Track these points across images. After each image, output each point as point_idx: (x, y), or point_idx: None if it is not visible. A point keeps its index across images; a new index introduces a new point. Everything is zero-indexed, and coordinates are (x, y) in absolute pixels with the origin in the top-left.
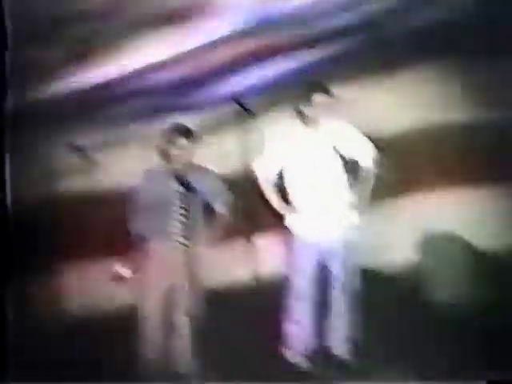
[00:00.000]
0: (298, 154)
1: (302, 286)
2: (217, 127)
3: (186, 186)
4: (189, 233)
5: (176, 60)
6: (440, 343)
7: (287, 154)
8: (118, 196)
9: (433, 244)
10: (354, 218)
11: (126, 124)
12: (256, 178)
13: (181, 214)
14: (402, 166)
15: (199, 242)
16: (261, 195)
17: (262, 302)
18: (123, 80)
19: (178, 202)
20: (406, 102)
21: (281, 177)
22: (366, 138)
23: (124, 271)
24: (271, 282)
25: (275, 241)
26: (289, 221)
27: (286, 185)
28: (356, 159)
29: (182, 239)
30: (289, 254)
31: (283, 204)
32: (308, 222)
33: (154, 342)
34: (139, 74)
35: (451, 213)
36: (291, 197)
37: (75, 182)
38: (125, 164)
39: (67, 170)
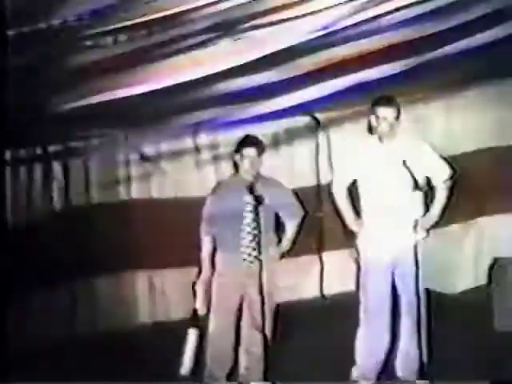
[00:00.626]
0: (370, 169)
1: (372, 307)
2: (288, 139)
3: (257, 197)
4: (259, 246)
5: (246, 69)
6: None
7: (359, 169)
8: (189, 204)
9: (502, 269)
10: (423, 238)
11: (194, 134)
12: (330, 192)
13: (251, 227)
14: (472, 189)
15: (269, 256)
16: (333, 210)
17: (330, 321)
18: (192, 87)
19: (249, 214)
20: (475, 124)
21: (351, 192)
22: (440, 158)
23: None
24: (340, 301)
25: (344, 258)
26: (359, 238)
27: (358, 200)
28: (430, 178)
29: (252, 252)
30: (358, 272)
31: (355, 220)
32: (377, 240)
33: (221, 358)
34: (208, 81)
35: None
36: (362, 213)
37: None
38: (193, 174)
39: (133, 177)
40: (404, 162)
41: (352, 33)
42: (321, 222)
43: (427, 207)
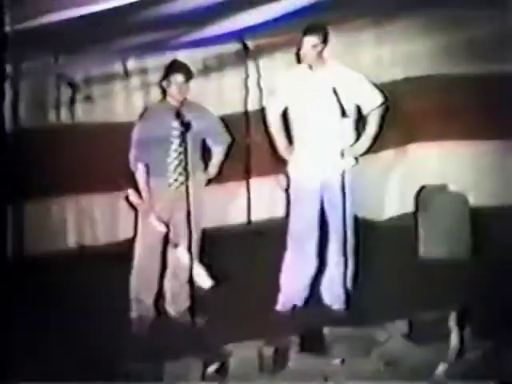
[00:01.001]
0: (300, 97)
1: (300, 232)
2: (218, 66)
3: (184, 123)
4: (186, 171)
5: None
6: (430, 297)
7: (290, 97)
8: (117, 130)
9: (428, 197)
10: (352, 164)
11: (125, 58)
12: (264, 118)
13: (178, 152)
14: (401, 116)
15: (195, 182)
16: (262, 137)
17: (258, 246)
18: (124, 12)
19: (175, 140)
20: (402, 52)
21: (284, 120)
22: (371, 85)
23: (135, 198)
24: (267, 227)
25: (271, 185)
26: (289, 164)
27: (290, 127)
28: (360, 105)
29: (178, 177)
30: (287, 198)
31: (286, 147)
32: (307, 167)
33: (147, 280)
34: (140, 6)
35: (449, 167)
36: (293, 140)
37: (74, 115)
38: (122, 98)
39: (62, 102)
40: (334, 89)
41: None
42: (248, 148)
43: (358, 135)
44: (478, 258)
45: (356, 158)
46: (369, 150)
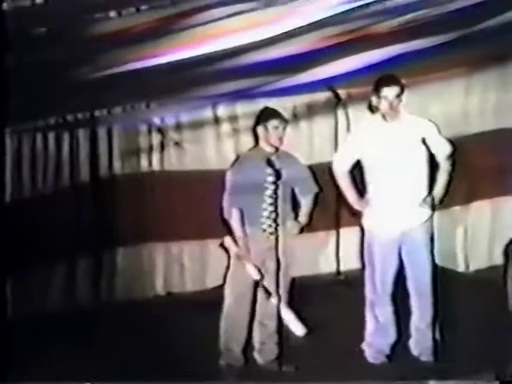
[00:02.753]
0: (374, 147)
1: (379, 284)
2: (308, 114)
3: (277, 171)
4: (277, 219)
5: (271, 42)
6: None
7: (363, 148)
8: (207, 177)
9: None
10: (430, 214)
11: (215, 104)
12: (333, 171)
13: (272, 199)
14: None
15: (286, 231)
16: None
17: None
18: (214, 59)
19: (270, 186)
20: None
21: (355, 171)
22: (442, 135)
23: (231, 244)
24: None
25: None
26: (364, 216)
27: (364, 178)
28: (434, 155)
29: (272, 224)
30: (366, 250)
31: (359, 199)
32: (384, 218)
33: (237, 328)
34: (231, 53)
35: None
36: (368, 191)
37: (164, 161)
38: (212, 145)
39: (153, 148)
40: (413, 139)
41: (379, 8)
42: (338, 197)
43: (432, 185)
44: None
45: (432, 209)
46: (443, 200)
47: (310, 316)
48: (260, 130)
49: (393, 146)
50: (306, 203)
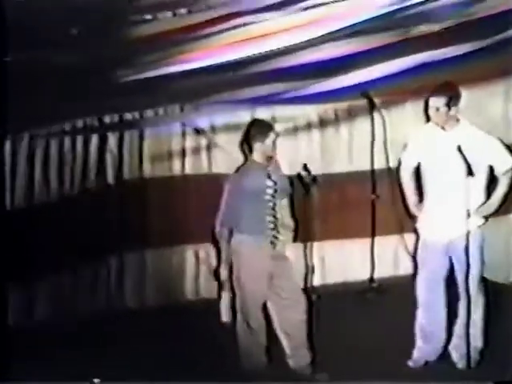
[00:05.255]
0: (432, 154)
1: (429, 290)
2: (344, 120)
3: (276, 182)
4: (278, 228)
5: (307, 46)
6: None
7: (423, 154)
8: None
9: None
10: (480, 224)
11: (251, 109)
12: (399, 173)
13: (273, 212)
14: None
15: (284, 239)
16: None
17: (380, 303)
18: (251, 62)
19: (270, 198)
20: None
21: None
22: (503, 147)
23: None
24: (390, 284)
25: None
26: (419, 221)
27: (422, 184)
28: (492, 166)
29: (276, 234)
30: (415, 255)
31: (416, 204)
32: (436, 224)
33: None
34: (267, 57)
35: None
36: (423, 197)
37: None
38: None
39: (187, 151)
40: (459, 147)
41: (415, 12)
42: (373, 205)
43: (489, 195)
44: None
45: (485, 219)
46: (498, 211)
47: (344, 321)
48: (257, 145)
49: (447, 154)
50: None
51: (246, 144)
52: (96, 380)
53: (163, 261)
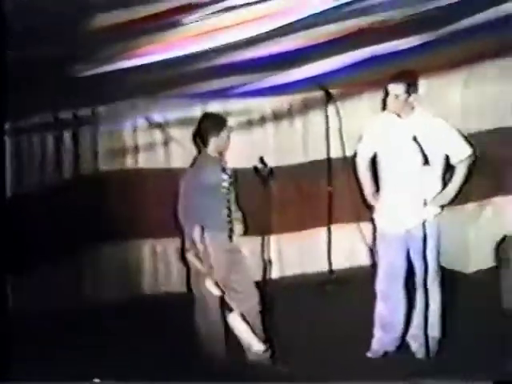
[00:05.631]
0: (388, 143)
1: (387, 280)
2: (300, 112)
3: (230, 176)
4: (232, 223)
5: (259, 39)
6: None
7: (379, 143)
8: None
9: (510, 249)
10: (436, 213)
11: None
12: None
13: (228, 205)
14: (488, 167)
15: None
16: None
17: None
18: (204, 57)
19: (226, 191)
20: (491, 101)
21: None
22: (459, 136)
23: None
24: (348, 275)
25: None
26: (376, 211)
27: (378, 173)
28: (448, 155)
29: (232, 227)
30: (373, 246)
31: (374, 193)
32: (392, 214)
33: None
34: (220, 51)
35: None
36: (379, 186)
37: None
38: None
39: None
40: (414, 137)
41: (369, 4)
42: (330, 195)
43: (445, 184)
44: None
45: (442, 208)
46: (454, 201)
47: (302, 314)
48: (212, 139)
49: (403, 143)
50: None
51: (200, 138)
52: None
53: (120, 255)
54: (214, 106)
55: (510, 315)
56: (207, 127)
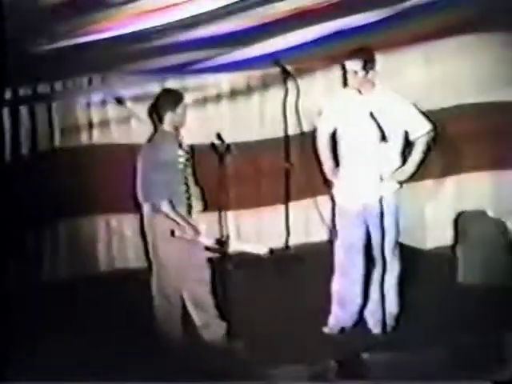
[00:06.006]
0: (348, 119)
1: (345, 256)
2: (257, 89)
3: (187, 151)
4: (191, 199)
5: (218, 16)
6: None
7: (339, 119)
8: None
9: (468, 222)
10: (395, 189)
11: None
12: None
13: (185, 181)
14: (447, 144)
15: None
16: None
17: (296, 270)
18: (160, 33)
19: (182, 167)
20: (452, 77)
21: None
22: (419, 112)
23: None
24: (305, 251)
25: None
26: (335, 187)
27: (337, 149)
28: (407, 131)
29: (189, 203)
30: (332, 222)
31: (334, 169)
32: (351, 190)
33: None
34: (178, 27)
35: (488, 194)
36: (339, 162)
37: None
38: None
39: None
40: (371, 113)
41: None
42: (287, 172)
43: (404, 160)
44: None
45: (400, 184)
46: (413, 177)
47: (260, 290)
48: (168, 114)
49: (362, 119)
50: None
51: (156, 114)
52: None
53: (77, 231)
54: (171, 83)
55: (466, 289)
56: (163, 103)
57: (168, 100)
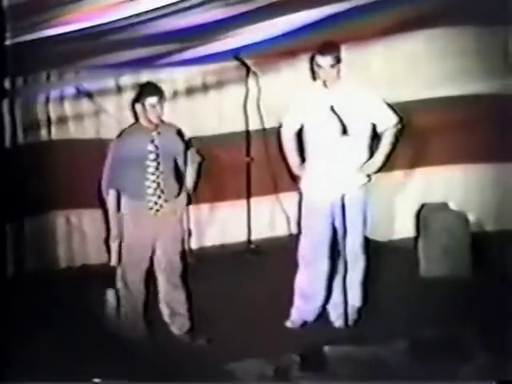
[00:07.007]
0: (315, 114)
1: (311, 250)
2: (218, 83)
3: (158, 147)
4: (163, 194)
5: (177, 11)
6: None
7: (306, 114)
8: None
9: (429, 215)
10: (362, 183)
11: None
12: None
13: (155, 175)
14: (413, 138)
15: (174, 203)
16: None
17: (258, 264)
18: (120, 27)
19: (152, 163)
20: (421, 69)
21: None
22: (386, 105)
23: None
24: (268, 245)
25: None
26: (302, 182)
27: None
28: (374, 123)
29: (157, 200)
30: (298, 216)
31: (300, 164)
32: (318, 184)
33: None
34: (138, 22)
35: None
36: (306, 157)
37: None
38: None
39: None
40: (332, 107)
41: None
42: (249, 167)
43: (372, 153)
44: (478, 276)
45: (368, 177)
46: (381, 170)
47: (222, 285)
48: (138, 107)
49: (329, 113)
50: (189, 173)
51: (132, 108)
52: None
53: (39, 227)
54: (127, 79)
55: (428, 283)
56: (137, 96)
57: (144, 93)
